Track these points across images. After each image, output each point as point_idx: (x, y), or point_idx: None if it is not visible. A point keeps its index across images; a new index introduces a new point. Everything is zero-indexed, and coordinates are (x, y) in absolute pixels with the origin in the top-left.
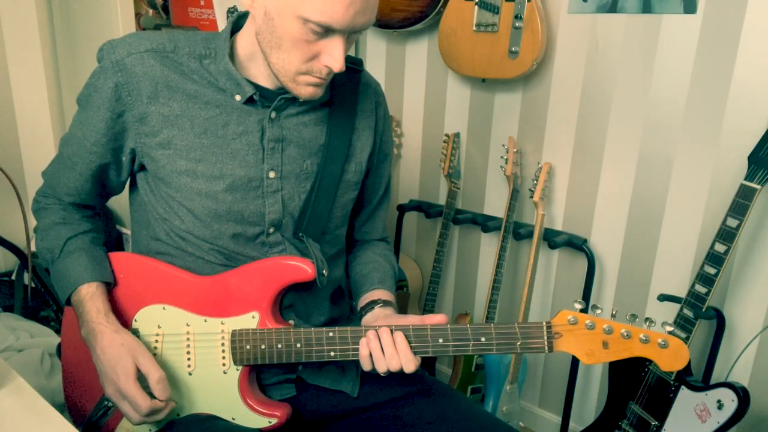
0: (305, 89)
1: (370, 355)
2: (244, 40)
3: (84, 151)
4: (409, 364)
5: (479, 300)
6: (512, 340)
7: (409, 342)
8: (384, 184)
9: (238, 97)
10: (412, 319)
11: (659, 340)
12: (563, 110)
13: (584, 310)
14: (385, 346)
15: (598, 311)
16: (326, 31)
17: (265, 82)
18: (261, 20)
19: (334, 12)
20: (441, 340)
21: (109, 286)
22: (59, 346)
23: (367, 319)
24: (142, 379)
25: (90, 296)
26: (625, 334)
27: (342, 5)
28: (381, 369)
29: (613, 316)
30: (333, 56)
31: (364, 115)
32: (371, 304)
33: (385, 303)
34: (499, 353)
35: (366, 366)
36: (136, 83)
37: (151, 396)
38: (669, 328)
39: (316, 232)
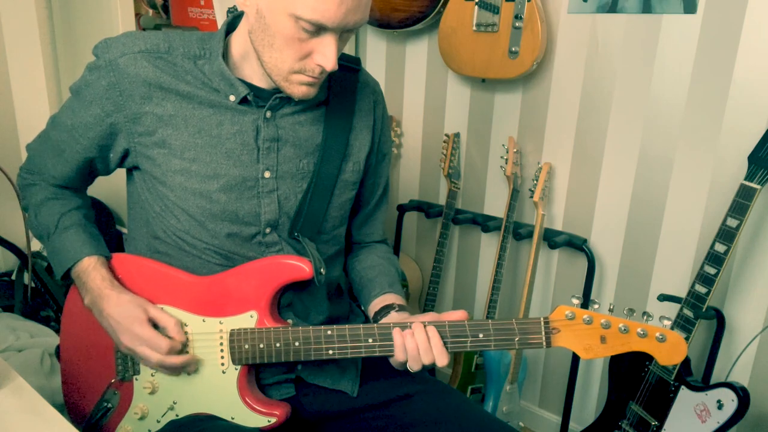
0: (298, 88)
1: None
2: (238, 40)
3: (72, 141)
4: (442, 357)
5: (479, 300)
6: (510, 336)
7: None
8: (382, 184)
9: (232, 98)
10: (431, 317)
11: (657, 334)
12: (563, 110)
13: (583, 306)
14: (420, 342)
15: (596, 306)
16: (318, 29)
17: (260, 81)
18: (253, 19)
19: (326, 10)
20: None
21: (108, 260)
22: (58, 347)
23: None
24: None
25: (93, 266)
26: (623, 328)
27: (333, 3)
28: (415, 367)
29: (610, 310)
30: (325, 55)
31: (362, 114)
32: (386, 309)
33: (401, 308)
34: (497, 349)
35: (400, 357)
36: (129, 84)
37: None
38: (667, 322)
39: (312, 232)
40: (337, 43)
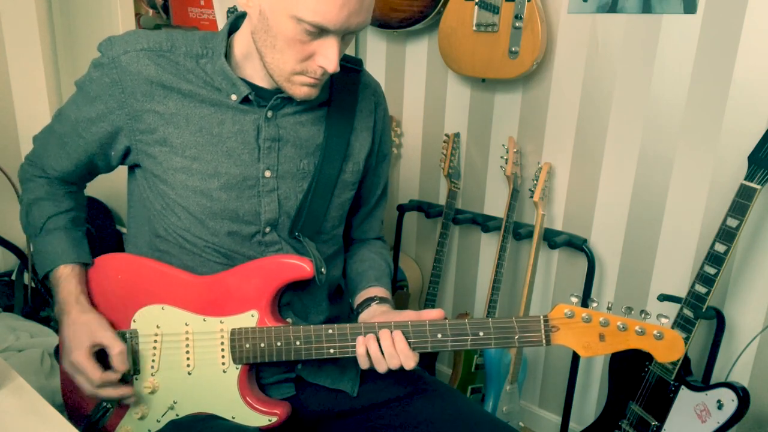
0: (300, 89)
1: (367, 353)
2: (241, 40)
3: (75, 134)
4: (409, 361)
5: (479, 300)
6: (510, 335)
7: (408, 338)
8: (382, 184)
9: (234, 97)
10: (409, 315)
11: (655, 332)
12: (563, 110)
13: (582, 305)
14: (385, 347)
15: (594, 304)
16: (320, 31)
17: (262, 81)
18: (256, 19)
19: (328, 12)
20: (440, 335)
21: (87, 266)
22: (57, 348)
23: (364, 316)
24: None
25: (65, 278)
26: (621, 326)
27: (335, 6)
28: (381, 369)
29: (609, 309)
30: (327, 57)
31: (363, 115)
32: (368, 302)
33: (381, 300)
34: (497, 347)
35: (363, 365)
36: (131, 81)
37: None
38: (664, 321)
39: (312, 231)
40: (339, 45)
